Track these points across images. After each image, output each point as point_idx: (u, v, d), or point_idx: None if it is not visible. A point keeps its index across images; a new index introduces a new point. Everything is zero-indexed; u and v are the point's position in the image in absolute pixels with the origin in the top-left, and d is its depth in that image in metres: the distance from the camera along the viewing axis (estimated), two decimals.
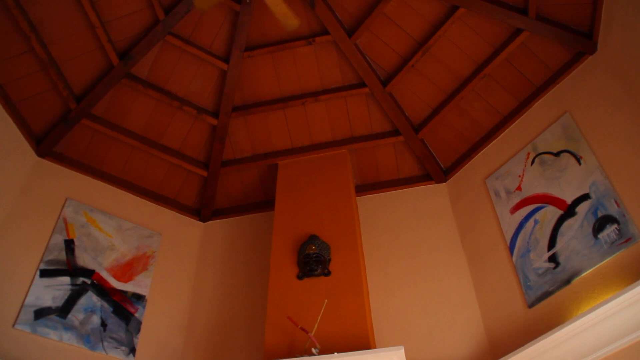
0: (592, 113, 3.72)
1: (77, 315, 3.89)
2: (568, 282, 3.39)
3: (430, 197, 4.80)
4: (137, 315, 4.19)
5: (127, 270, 4.36)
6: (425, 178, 4.94)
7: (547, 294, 3.49)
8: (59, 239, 4.15)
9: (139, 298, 4.29)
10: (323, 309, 3.56)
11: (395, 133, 4.88)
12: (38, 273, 3.90)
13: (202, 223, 5.18)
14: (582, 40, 3.89)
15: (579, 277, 3.33)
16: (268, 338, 3.64)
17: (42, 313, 3.75)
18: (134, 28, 4.37)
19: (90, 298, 4.04)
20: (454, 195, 4.71)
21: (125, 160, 4.85)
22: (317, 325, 3.47)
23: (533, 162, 4.04)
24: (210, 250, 4.96)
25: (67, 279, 4.00)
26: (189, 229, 5.06)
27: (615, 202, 3.30)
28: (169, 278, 4.60)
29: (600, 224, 3.35)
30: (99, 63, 4.41)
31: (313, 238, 4.06)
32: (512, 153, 4.28)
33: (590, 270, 3.28)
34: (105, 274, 4.22)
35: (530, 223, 3.85)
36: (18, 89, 4.19)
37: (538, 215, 3.82)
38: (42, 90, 4.31)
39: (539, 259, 3.66)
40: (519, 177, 4.11)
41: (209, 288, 4.66)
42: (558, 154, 3.86)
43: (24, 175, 4.28)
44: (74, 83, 4.42)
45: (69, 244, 4.18)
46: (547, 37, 4.00)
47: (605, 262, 3.21)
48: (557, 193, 3.74)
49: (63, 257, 4.09)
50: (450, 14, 4.23)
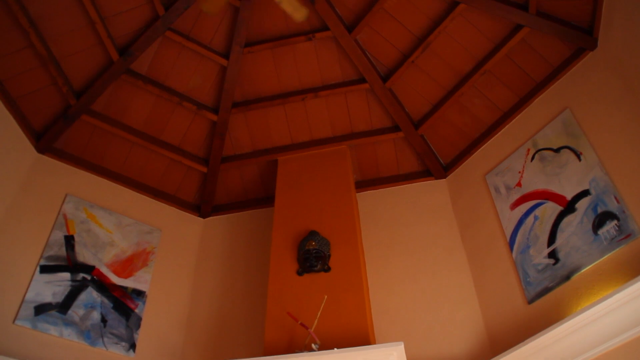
0: (592, 109, 3.71)
1: (77, 311, 3.90)
2: (568, 278, 3.40)
3: (430, 193, 4.80)
4: (137, 311, 4.19)
5: (127, 266, 4.36)
6: (425, 174, 4.94)
7: (546, 290, 3.49)
8: (59, 235, 4.16)
9: (139, 294, 4.29)
10: (323, 305, 3.57)
11: (395, 129, 4.88)
12: (38, 269, 3.90)
13: (202, 219, 5.18)
14: (582, 37, 3.88)
15: (579, 273, 3.34)
16: (268, 334, 3.64)
17: (42, 309, 3.75)
18: (134, 24, 4.37)
19: (91, 294, 4.04)
20: (454, 191, 4.71)
21: (125, 156, 4.84)
22: (317, 321, 3.47)
23: (533, 158, 4.04)
24: (210, 246, 4.96)
25: (67, 275, 4.01)
26: (189, 225, 5.06)
27: (615, 198, 3.30)
28: (169, 274, 4.60)
29: (600, 220, 3.35)
30: (99, 59, 4.41)
31: (313, 234, 4.07)
32: (512, 149, 4.27)
33: (590, 266, 3.28)
34: (106, 270, 4.23)
35: (530, 219, 3.85)
36: (18, 85, 4.19)
37: (538, 212, 3.82)
38: (41, 86, 4.31)
39: (539, 255, 3.66)
40: (519, 173, 4.11)
41: (209, 284, 4.67)
42: (558, 150, 3.86)
43: (24, 172, 4.28)
44: (74, 79, 4.41)
45: (69, 240, 4.18)
46: (547, 33, 3.99)
47: (605, 258, 3.21)
48: (557, 189, 3.74)
49: (63, 253, 4.09)
50: (451, 10, 4.23)
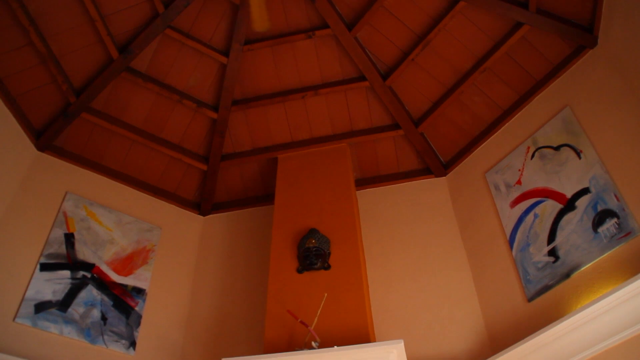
0: (592, 107, 3.71)
1: (77, 309, 3.90)
2: (568, 276, 3.40)
3: (430, 191, 4.80)
4: (137, 309, 4.19)
5: (127, 264, 4.36)
6: (425, 172, 4.94)
7: (546, 288, 3.49)
8: (59, 233, 4.15)
9: (139, 292, 4.29)
10: (323, 303, 3.57)
11: (395, 127, 4.88)
12: (38, 267, 3.90)
13: (202, 217, 5.18)
14: (582, 34, 3.87)
15: (579, 271, 3.34)
16: (268, 331, 3.64)
17: (42, 307, 3.75)
18: (134, 21, 4.36)
19: (91, 292, 4.04)
20: (454, 189, 4.71)
21: (125, 154, 4.84)
22: (317, 319, 3.47)
23: (533, 156, 4.04)
24: (210, 244, 4.96)
25: (67, 273, 4.01)
26: (189, 223, 5.06)
27: (615, 196, 3.30)
28: (169, 272, 4.61)
29: (600, 218, 3.35)
30: (99, 57, 4.40)
31: (313, 232, 4.07)
32: (512, 147, 4.27)
33: (590, 264, 3.29)
34: (106, 268, 4.23)
35: (530, 217, 3.85)
36: (17, 83, 4.18)
37: (538, 209, 3.82)
38: (41, 84, 4.30)
39: (539, 253, 3.66)
40: (519, 171, 4.11)
41: (209, 282, 4.67)
42: (558, 148, 3.86)
43: (24, 169, 4.27)
44: (74, 77, 4.41)
45: (69, 238, 4.18)
46: (547, 30, 3.99)
47: (605, 256, 3.21)
48: (557, 187, 3.74)
49: (63, 250, 4.09)
50: (451, 8, 4.22)
